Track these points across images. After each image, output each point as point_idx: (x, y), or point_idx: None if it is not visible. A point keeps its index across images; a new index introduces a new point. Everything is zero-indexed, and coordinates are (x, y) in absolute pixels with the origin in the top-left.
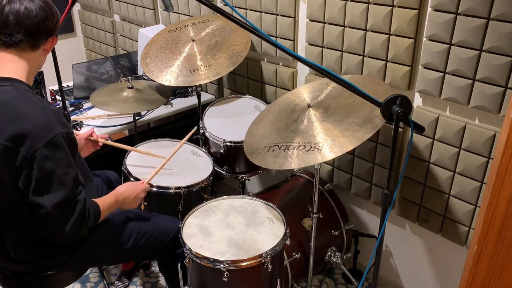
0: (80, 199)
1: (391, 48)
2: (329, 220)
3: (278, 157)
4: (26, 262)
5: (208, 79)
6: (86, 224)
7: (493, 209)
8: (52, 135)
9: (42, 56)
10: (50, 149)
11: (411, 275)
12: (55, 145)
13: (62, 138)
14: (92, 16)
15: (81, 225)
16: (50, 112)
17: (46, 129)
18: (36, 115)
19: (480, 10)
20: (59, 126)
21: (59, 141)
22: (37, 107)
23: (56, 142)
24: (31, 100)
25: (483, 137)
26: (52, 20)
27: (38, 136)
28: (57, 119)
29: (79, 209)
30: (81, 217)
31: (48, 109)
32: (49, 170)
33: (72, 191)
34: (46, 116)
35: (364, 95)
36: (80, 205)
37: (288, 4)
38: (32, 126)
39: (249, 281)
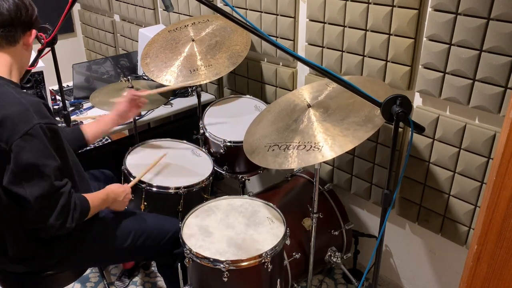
0: (64, 191)
1: (391, 48)
2: (329, 220)
3: (278, 156)
4: (24, 261)
5: (208, 79)
6: (71, 217)
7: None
8: (28, 126)
9: (25, 52)
10: (27, 140)
11: (411, 275)
12: (32, 136)
13: (40, 129)
14: (92, 16)
15: (66, 218)
16: (27, 102)
17: (23, 120)
18: (12, 107)
19: (480, 10)
20: (37, 116)
21: (36, 132)
22: (13, 99)
23: (33, 133)
24: (7, 92)
25: (483, 137)
26: (26, 12)
27: (15, 127)
28: (35, 110)
29: (63, 201)
30: (65, 210)
31: (25, 100)
32: (28, 162)
33: (54, 183)
34: (22, 107)
35: (364, 95)
36: (64, 197)
37: (288, 4)
38: (8, 118)
39: (249, 281)
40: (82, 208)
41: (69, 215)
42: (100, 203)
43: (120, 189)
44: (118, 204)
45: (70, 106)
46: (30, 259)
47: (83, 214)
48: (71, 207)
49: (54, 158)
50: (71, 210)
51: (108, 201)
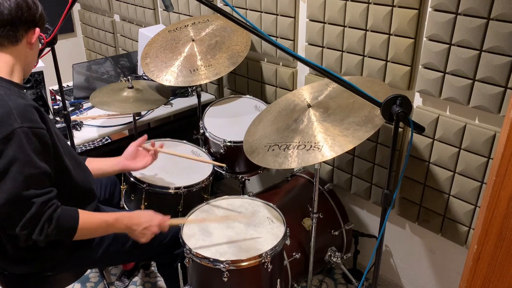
0: (36, 202)
1: (391, 48)
2: (329, 220)
3: (278, 156)
4: (24, 263)
5: (208, 79)
6: (40, 229)
7: (493, 209)
8: (8, 130)
9: (29, 50)
10: (4, 144)
11: (411, 275)
12: (10, 140)
13: (22, 133)
14: (92, 16)
15: (33, 230)
16: (13, 105)
17: (3, 123)
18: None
19: (480, 10)
20: (20, 120)
21: (16, 137)
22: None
23: (12, 138)
24: None
25: (483, 137)
26: (28, 10)
27: None
28: (19, 113)
29: (33, 211)
30: (33, 221)
31: (12, 102)
32: (1, 166)
33: (23, 192)
34: (5, 110)
35: (364, 95)
36: (34, 207)
37: (288, 4)
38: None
39: (249, 281)
40: (61, 223)
41: (37, 227)
42: (102, 225)
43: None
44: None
45: (70, 106)
46: (30, 260)
47: (63, 231)
48: (43, 219)
49: (34, 165)
50: (42, 222)
51: (117, 227)
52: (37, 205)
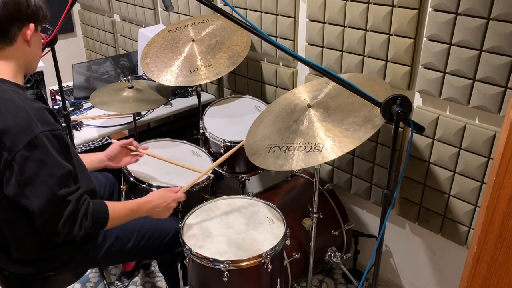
0: (71, 199)
1: (391, 48)
2: (329, 220)
3: (279, 158)
4: (28, 264)
5: (208, 79)
6: (79, 224)
7: (493, 209)
8: (32, 136)
9: (28, 48)
10: (30, 150)
11: (411, 275)
12: (35, 145)
13: (45, 137)
14: (92, 16)
15: (73, 226)
16: (31, 110)
17: (25, 130)
18: (15, 115)
19: (480, 10)
20: (40, 125)
21: (40, 142)
22: (16, 107)
23: (37, 143)
24: (11, 100)
25: (483, 137)
26: (16, 7)
27: (17, 137)
28: (38, 118)
29: (70, 210)
30: (72, 218)
31: (29, 108)
32: (31, 172)
33: (59, 192)
34: (25, 115)
35: (364, 95)
36: (71, 205)
37: (288, 4)
38: (11, 127)
39: (249, 281)
40: (95, 216)
41: (76, 223)
42: (127, 213)
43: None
44: (159, 213)
45: (70, 106)
46: (33, 261)
47: (97, 223)
48: (80, 215)
49: (60, 166)
50: (79, 218)
51: (141, 212)
52: (73, 202)
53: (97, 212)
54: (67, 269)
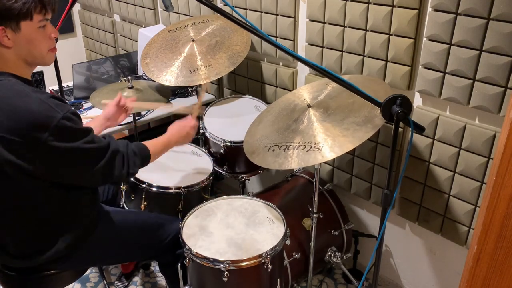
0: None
1: (391, 48)
2: (329, 220)
3: (278, 157)
4: (25, 257)
5: (208, 79)
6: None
7: (493, 209)
8: (54, 121)
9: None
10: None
11: (411, 275)
12: (62, 129)
13: (66, 119)
14: (92, 16)
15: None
16: (43, 98)
17: (45, 117)
18: (28, 104)
19: (480, 10)
20: (58, 109)
21: (64, 124)
22: (26, 97)
23: (62, 127)
24: (20, 90)
25: (483, 137)
26: None
27: (42, 126)
28: (54, 104)
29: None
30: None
31: (40, 95)
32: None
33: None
34: (41, 103)
35: (364, 95)
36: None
37: (288, 4)
38: (33, 118)
39: (249, 281)
40: (142, 155)
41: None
42: (162, 147)
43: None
44: (183, 141)
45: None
46: (30, 254)
47: (144, 159)
48: (130, 155)
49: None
50: (131, 158)
51: (171, 145)
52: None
53: (139, 149)
54: (66, 266)
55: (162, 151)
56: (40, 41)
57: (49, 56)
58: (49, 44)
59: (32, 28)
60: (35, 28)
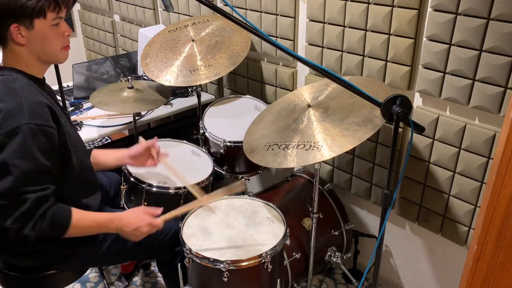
0: (30, 197)
1: (391, 48)
2: (329, 220)
3: (277, 155)
4: (28, 257)
5: (208, 79)
6: (32, 225)
7: (493, 209)
8: (15, 125)
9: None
10: (8, 137)
11: (411, 275)
12: (15, 135)
13: (28, 129)
14: (92, 16)
15: (24, 225)
16: (26, 101)
17: (11, 118)
18: (8, 103)
19: (480, 10)
20: (28, 117)
21: (21, 132)
22: (13, 95)
23: (17, 132)
24: (14, 88)
25: (483, 137)
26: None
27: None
28: (29, 110)
29: (26, 207)
30: (26, 216)
31: (27, 98)
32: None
33: (21, 187)
34: (18, 105)
35: (364, 95)
36: (29, 203)
37: (288, 4)
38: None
39: (249, 281)
40: (55, 220)
41: (30, 223)
42: (92, 225)
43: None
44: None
45: (70, 106)
46: (30, 254)
47: (55, 227)
48: (36, 215)
49: (34, 162)
50: (35, 218)
51: (110, 228)
52: (31, 200)
53: (58, 216)
54: (66, 266)
55: (90, 228)
56: (53, 39)
57: (62, 54)
58: (62, 42)
59: (45, 25)
60: (49, 26)
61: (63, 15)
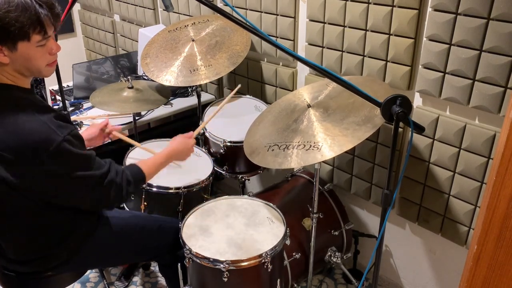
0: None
1: (391, 48)
2: (329, 220)
3: (278, 156)
4: (25, 263)
5: (208, 79)
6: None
7: (493, 209)
8: (54, 145)
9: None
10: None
11: (411, 275)
12: (61, 153)
13: (67, 142)
14: (92, 16)
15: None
16: (46, 119)
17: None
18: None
19: (480, 10)
20: (59, 132)
21: (64, 148)
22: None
23: (62, 150)
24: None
25: (483, 137)
26: None
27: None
28: (55, 125)
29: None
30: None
31: (44, 117)
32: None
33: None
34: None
35: (364, 95)
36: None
37: (288, 4)
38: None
39: (249, 281)
40: (135, 180)
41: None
42: (159, 165)
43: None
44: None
45: (70, 106)
46: (30, 260)
47: (139, 183)
48: (124, 186)
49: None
50: (125, 188)
51: (169, 161)
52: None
53: (134, 176)
54: (66, 269)
55: (157, 170)
56: (38, 58)
57: (46, 70)
58: (48, 59)
59: (30, 47)
60: (34, 47)
61: (51, 33)
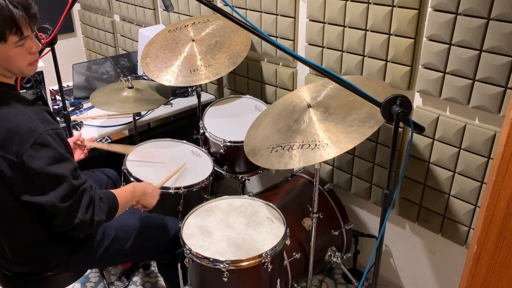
0: (86, 187)
1: (391, 48)
2: (329, 220)
3: (282, 157)
4: (24, 264)
5: (208, 79)
6: (99, 209)
7: (493, 209)
8: (36, 136)
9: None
10: (36, 149)
11: (411, 275)
12: (41, 144)
13: (49, 136)
14: (92, 16)
15: (93, 211)
16: (31, 112)
17: (29, 130)
18: (17, 118)
19: (480, 10)
20: (42, 124)
21: (45, 140)
22: (16, 110)
23: (42, 142)
24: (9, 103)
25: (483, 137)
26: None
27: (22, 139)
28: (39, 118)
29: (87, 197)
30: (91, 204)
31: (29, 110)
32: (42, 169)
33: (73, 182)
34: (26, 118)
35: (364, 95)
36: (87, 193)
37: (288, 4)
38: (15, 131)
39: (249, 281)
40: (109, 202)
41: (96, 208)
42: (128, 197)
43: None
44: (148, 197)
45: (70, 106)
46: (30, 262)
47: (112, 209)
48: (97, 201)
49: (68, 160)
50: (97, 203)
51: (136, 194)
52: (88, 190)
53: (108, 198)
54: (65, 269)
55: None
56: (17, 58)
57: (28, 69)
58: (28, 59)
59: (8, 48)
60: (12, 48)
61: (29, 33)
